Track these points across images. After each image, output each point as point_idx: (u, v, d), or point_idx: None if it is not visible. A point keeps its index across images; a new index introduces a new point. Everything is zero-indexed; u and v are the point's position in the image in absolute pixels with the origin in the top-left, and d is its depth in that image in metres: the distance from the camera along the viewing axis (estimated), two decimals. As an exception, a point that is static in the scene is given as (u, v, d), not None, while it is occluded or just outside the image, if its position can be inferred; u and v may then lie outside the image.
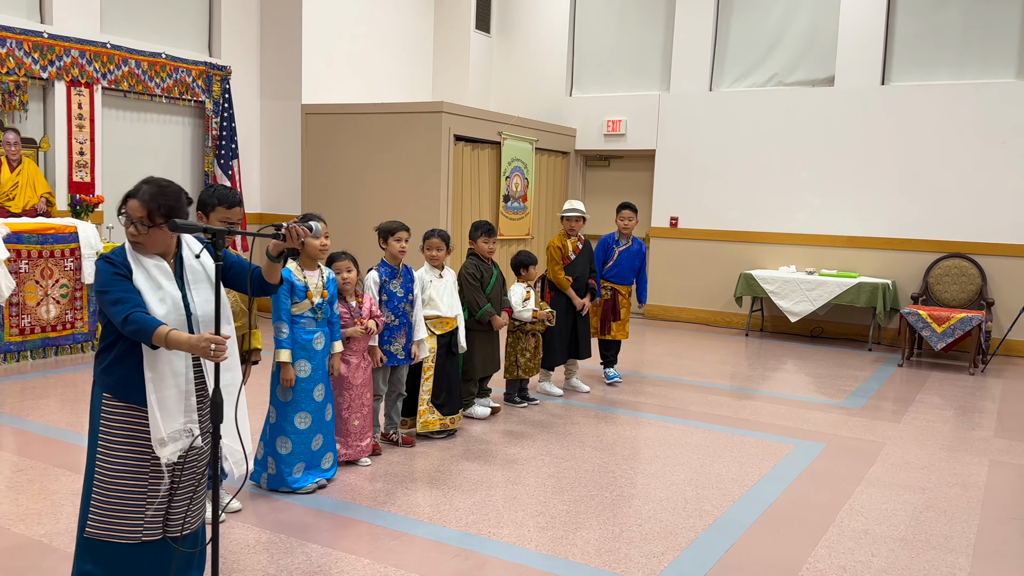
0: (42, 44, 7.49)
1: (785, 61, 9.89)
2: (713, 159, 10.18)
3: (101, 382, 2.73)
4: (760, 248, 9.95)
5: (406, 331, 4.92)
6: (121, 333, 2.66)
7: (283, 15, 9.51)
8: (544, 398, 6.35)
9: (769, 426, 5.82)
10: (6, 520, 3.79)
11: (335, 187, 9.34)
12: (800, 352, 8.78)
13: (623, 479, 4.62)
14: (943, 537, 3.99)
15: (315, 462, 4.28)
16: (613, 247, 6.78)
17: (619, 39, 10.89)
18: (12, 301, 6.73)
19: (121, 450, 2.70)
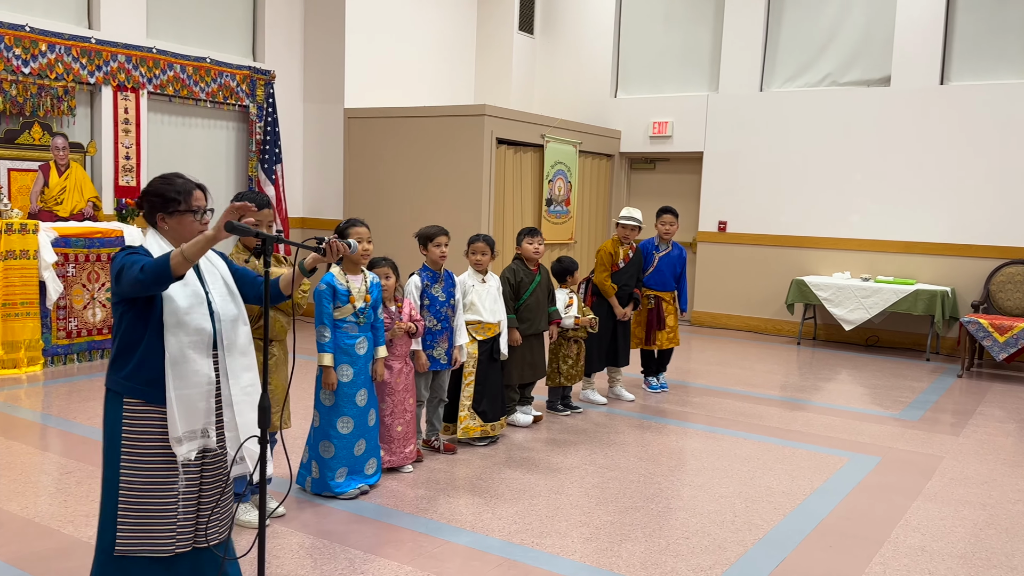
0: (90, 50, 7.72)
1: (839, 60, 9.77)
2: (763, 161, 10.09)
3: (123, 388, 2.70)
4: (813, 253, 9.84)
5: (448, 336, 4.97)
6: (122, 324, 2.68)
7: (326, 19, 9.67)
8: (587, 406, 6.36)
9: (821, 438, 5.76)
10: (55, 521, 3.92)
11: (377, 191, 9.46)
12: (854, 362, 8.65)
13: (669, 491, 4.61)
14: (1005, 555, 3.91)
15: (358, 467, 4.35)
16: (653, 253, 6.75)
17: (666, 38, 10.86)
18: (59, 304, 6.94)
19: (148, 456, 2.70)
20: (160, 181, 2.81)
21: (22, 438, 5.15)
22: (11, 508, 4.05)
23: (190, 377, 2.69)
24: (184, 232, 2.79)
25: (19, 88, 7.23)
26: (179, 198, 2.77)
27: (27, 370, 6.73)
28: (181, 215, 2.77)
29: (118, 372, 2.71)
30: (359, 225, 4.31)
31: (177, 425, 2.68)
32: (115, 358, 2.72)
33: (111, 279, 2.72)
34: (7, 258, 6.55)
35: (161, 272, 2.57)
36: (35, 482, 4.41)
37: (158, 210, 2.78)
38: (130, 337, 2.70)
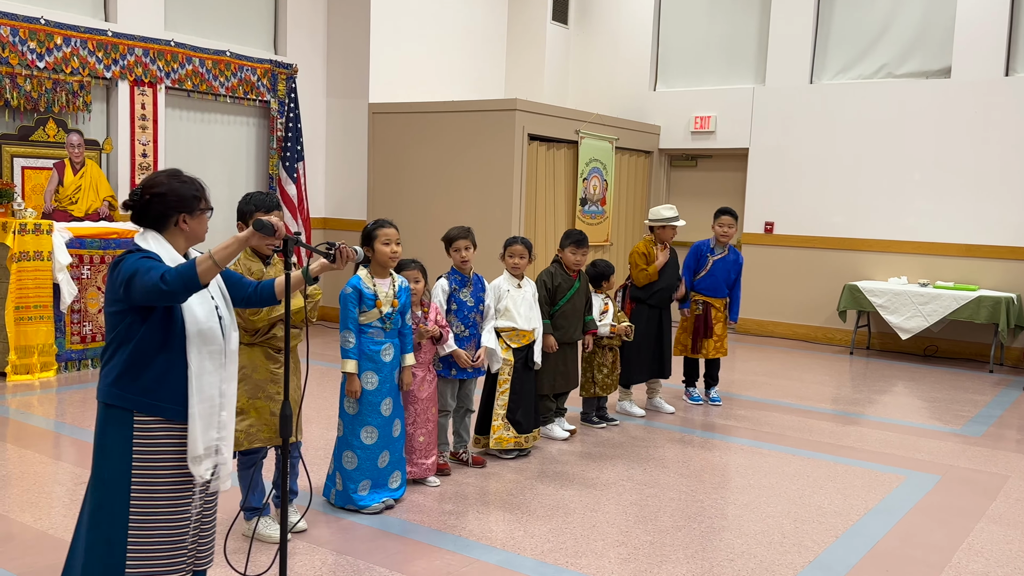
0: (106, 43, 7.85)
1: (895, 50, 9.66)
2: (814, 159, 10.01)
3: (134, 404, 2.63)
4: (866, 257, 9.73)
5: (476, 343, 4.98)
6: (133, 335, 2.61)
7: (350, 11, 9.75)
8: (624, 419, 6.34)
9: (876, 455, 5.69)
10: (69, 534, 3.97)
11: (403, 190, 9.51)
12: (912, 373, 8.54)
13: (712, 509, 4.57)
14: (1078, 583, 3.83)
15: (382, 480, 4.37)
16: (707, 255, 6.69)
17: (709, 28, 10.81)
18: (74, 308, 7.06)
19: (162, 477, 2.65)
20: (175, 180, 2.74)
21: (35, 447, 5.24)
22: (24, 519, 4.12)
23: (207, 390, 2.68)
24: (200, 232, 2.78)
25: (33, 83, 7.37)
26: (200, 196, 2.77)
27: (40, 376, 6.85)
28: (202, 214, 2.77)
29: (126, 387, 2.63)
30: (387, 226, 4.33)
31: (198, 443, 2.65)
32: (122, 372, 2.63)
33: (113, 284, 2.62)
34: (21, 259, 6.67)
35: (190, 282, 2.53)
36: (48, 492, 4.49)
37: (181, 211, 2.72)
38: (144, 349, 2.63)
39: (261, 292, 2.99)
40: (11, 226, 6.66)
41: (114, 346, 2.66)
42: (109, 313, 2.67)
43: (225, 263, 2.60)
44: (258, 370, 3.83)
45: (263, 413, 3.81)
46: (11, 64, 7.22)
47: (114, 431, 2.65)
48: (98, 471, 2.67)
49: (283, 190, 9.14)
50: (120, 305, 2.63)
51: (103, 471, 2.65)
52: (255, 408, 3.81)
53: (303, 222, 9.26)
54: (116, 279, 2.61)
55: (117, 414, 2.64)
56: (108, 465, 2.65)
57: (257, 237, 2.76)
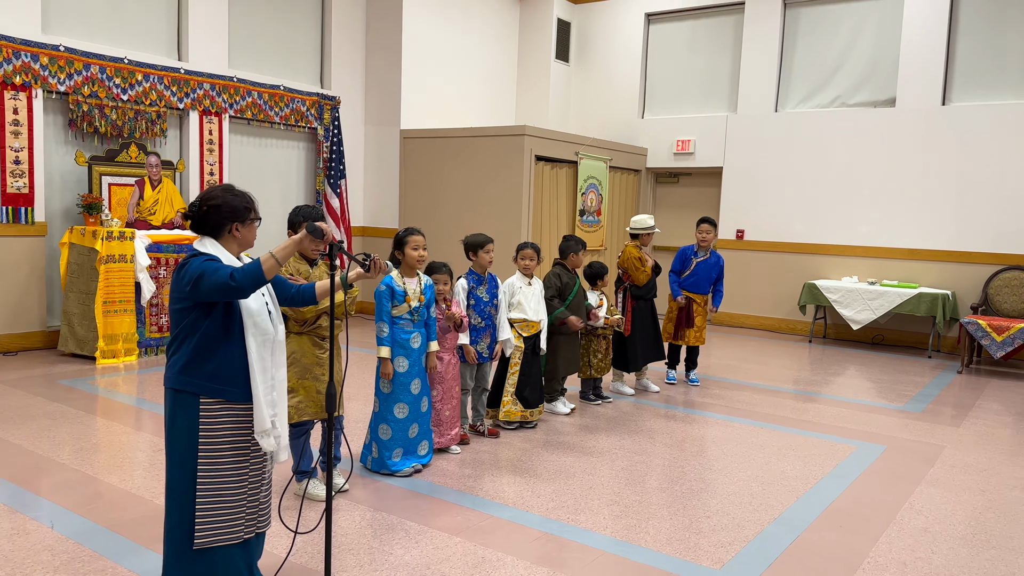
0: (179, 79, 7.88)
1: (848, 83, 9.61)
2: (778, 175, 9.96)
3: (201, 388, 2.60)
4: (823, 259, 9.69)
5: (491, 332, 4.99)
6: (198, 328, 2.58)
7: (385, 50, 9.76)
8: (617, 397, 6.33)
9: (832, 428, 5.67)
10: (148, 493, 4.01)
11: (429, 202, 9.52)
12: (861, 358, 8.50)
13: (692, 474, 4.57)
14: (1004, 538, 3.81)
15: (412, 448, 4.38)
16: (691, 258, 6.71)
17: (688, 64, 10.77)
18: (152, 303, 7.09)
19: (224, 452, 2.63)
20: (227, 194, 2.71)
21: (120, 419, 5.28)
22: (111, 480, 4.16)
23: (263, 374, 2.65)
24: (250, 238, 2.75)
25: (118, 113, 7.41)
26: (250, 207, 2.74)
27: (124, 360, 6.89)
28: (252, 223, 2.74)
29: (192, 374, 2.60)
30: (416, 234, 4.34)
31: (265, 419, 2.62)
32: (188, 361, 2.60)
33: (181, 284, 2.58)
34: (108, 261, 6.71)
35: (257, 277, 2.53)
36: (131, 458, 4.52)
37: (233, 220, 2.69)
38: (210, 340, 2.60)
39: (303, 293, 2.99)
40: (100, 233, 6.70)
41: (180, 338, 2.63)
42: (175, 310, 2.64)
43: (285, 260, 2.60)
44: (306, 355, 3.84)
45: (310, 391, 3.82)
46: (100, 97, 7.26)
47: (183, 414, 2.62)
48: (171, 449, 2.65)
49: (328, 203, 9.17)
50: (186, 302, 2.60)
51: (175, 449, 2.64)
52: (303, 387, 3.82)
53: (345, 230, 9.28)
54: (183, 279, 2.58)
55: (185, 398, 2.62)
56: (179, 444, 2.63)
57: (309, 239, 2.75)
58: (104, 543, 3.42)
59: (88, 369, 6.60)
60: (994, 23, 8.73)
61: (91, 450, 4.63)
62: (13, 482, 4.06)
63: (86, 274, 6.84)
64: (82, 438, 4.83)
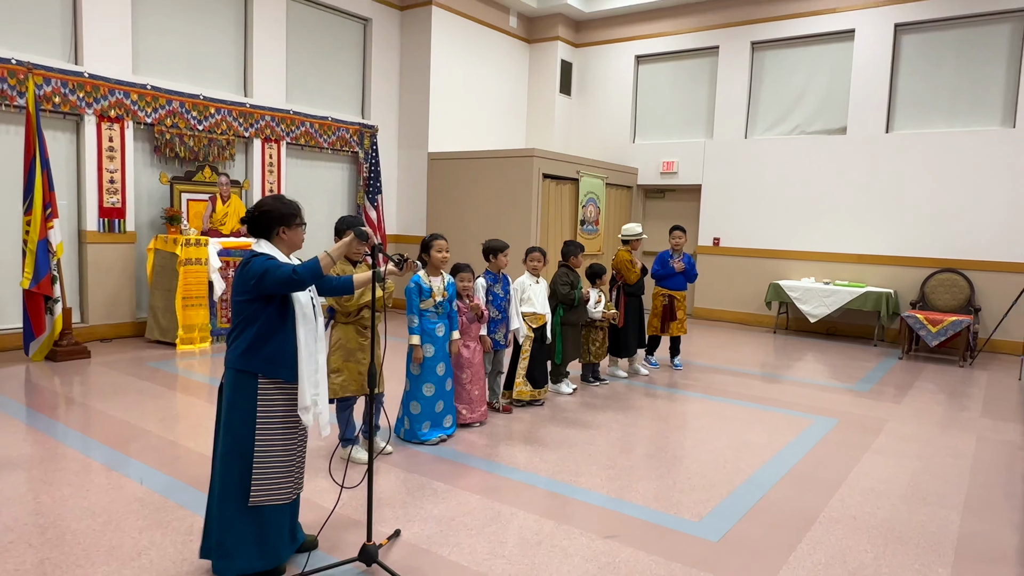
0: (245, 112, 7.93)
1: (807, 114, 9.55)
2: (748, 191, 9.92)
3: (260, 369, 2.57)
4: (786, 263, 9.64)
5: (506, 323, 4.99)
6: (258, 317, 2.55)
7: (415, 86, 9.78)
8: (612, 379, 6.33)
9: (792, 404, 5.66)
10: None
11: (451, 213, 9.54)
12: (818, 346, 8.46)
13: (675, 443, 4.57)
14: (937, 496, 3.80)
15: (438, 421, 4.40)
16: (669, 261, 6.69)
17: (672, 97, 10.74)
18: (223, 299, 7.15)
19: (278, 424, 2.62)
20: (277, 202, 2.69)
21: (196, 395, 5.34)
22: (189, 444, 4.21)
23: (310, 359, 2.64)
24: (296, 240, 2.72)
25: (195, 140, 7.47)
26: (296, 213, 2.72)
27: (199, 346, 6.95)
28: (297, 227, 2.73)
29: (252, 357, 2.58)
30: (440, 238, 4.36)
31: (306, 396, 2.62)
32: (249, 345, 2.58)
33: (247, 280, 2.55)
34: (186, 264, 6.77)
35: (315, 271, 2.53)
36: (206, 427, 4.57)
37: (280, 224, 2.67)
38: (268, 328, 2.59)
39: (343, 284, 2.94)
40: (179, 241, 6.76)
41: (242, 326, 2.62)
42: (237, 302, 2.62)
43: (338, 259, 2.62)
44: (351, 341, 3.87)
45: (352, 372, 3.85)
46: (180, 127, 7.32)
47: (243, 391, 2.61)
48: (230, 420, 2.63)
49: (367, 214, 9.20)
50: (248, 295, 2.59)
51: (234, 421, 2.62)
52: (347, 368, 3.85)
53: (381, 236, 9.31)
54: (246, 275, 2.57)
55: (245, 378, 2.61)
56: (238, 416, 2.61)
57: (356, 242, 2.76)
58: (183, 496, 3.47)
59: (170, 353, 6.67)
60: (930, 62, 8.66)
61: (173, 419, 4.69)
62: (109, 446, 4.12)
63: (168, 274, 6.90)
64: (165, 410, 4.89)
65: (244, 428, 2.61)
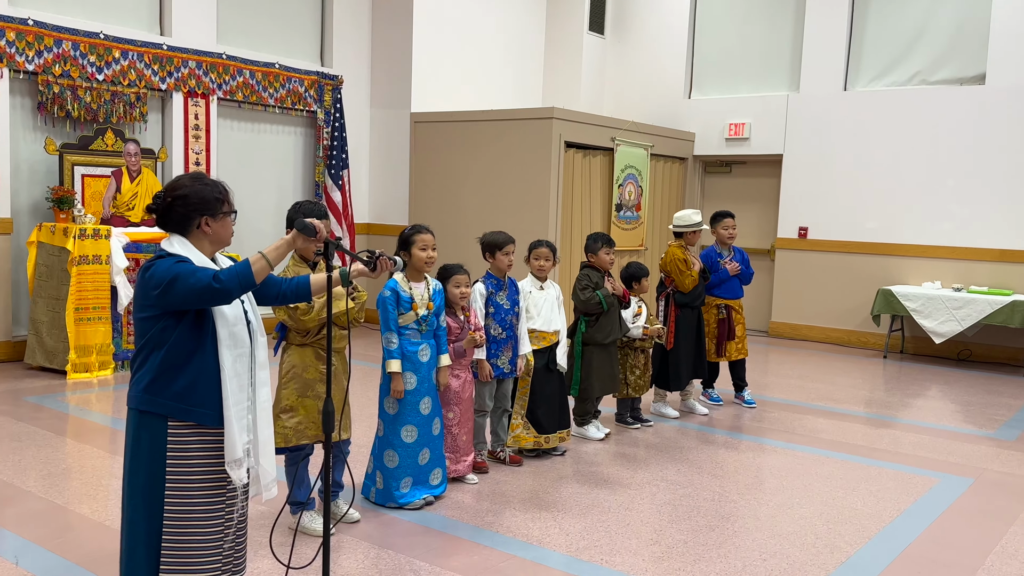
0: (161, 56, 8.00)
1: (929, 57, 9.51)
2: (848, 165, 9.88)
3: (169, 409, 2.59)
4: (900, 261, 9.58)
5: (512, 345, 4.98)
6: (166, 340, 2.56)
7: (394, 23, 9.83)
8: (658, 420, 6.30)
9: (910, 457, 5.60)
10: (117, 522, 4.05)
11: (443, 196, 9.56)
12: (946, 377, 8.38)
13: (745, 510, 4.54)
14: (1113, 588, 3.74)
15: (423, 477, 4.39)
16: (718, 261, 6.64)
17: (743, 36, 10.72)
18: (130, 309, 7.19)
19: (197, 483, 2.62)
20: (197, 183, 2.69)
21: (93, 442, 5.35)
22: (82, 511, 4.21)
23: (238, 394, 2.64)
24: (224, 235, 2.72)
25: (93, 95, 7.54)
26: (222, 198, 2.71)
27: (98, 374, 6.99)
28: (225, 217, 2.71)
29: (159, 393, 2.59)
30: (424, 232, 4.35)
31: (236, 446, 2.61)
32: (154, 377, 2.59)
33: (149, 290, 2.55)
34: (80, 263, 6.82)
35: (246, 280, 2.53)
36: (105, 486, 4.57)
37: (202, 213, 2.66)
38: (177, 354, 2.59)
39: (297, 288, 2.94)
40: (72, 231, 6.81)
41: (146, 352, 2.61)
42: (140, 319, 2.61)
43: (277, 262, 2.62)
44: (308, 369, 3.87)
45: (311, 411, 3.85)
46: (72, 77, 7.39)
47: (147, 438, 2.61)
48: (132, 478, 2.63)
49: (328, 197, 9.25)
50: (153, 311, 2.58)
51: (138, 478, 2.62)
52: (304, 406, 3.85)
53: (347, 227, 9.35)
54: (148, 284, 2.56)
55: (150, 420, 2.61)
56: (143, 473, 2.61)
57: (301, 239, 2.76)
58: (74, 582, 3.47)
59: (58, 384, 6.69)
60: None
61: (61, 476, 4.68)
62: (-27, 511, 4.13)
63: (56, 277, 6.95)
64: (51, 463, 4.89)
65: (150, 490, 2.61)
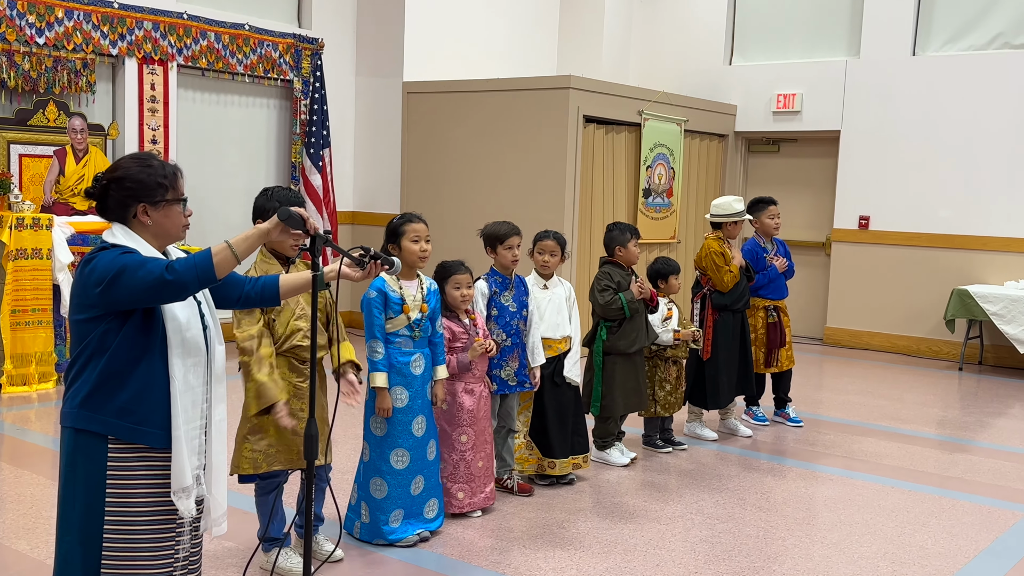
0: (112, 16, 8.02)
1: (1013, 17, 9.48)
2: (917, 143, 9.85)
3: (109, 428, 2.59)
4: (979, 257, 9.55)
5: (519, 353, 4.97)
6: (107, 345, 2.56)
7: (383, -25, 9.85)
8: (693, 442, 6.29)
9: (989, 488, 5.58)
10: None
11: (441, 180, 9.56)
12: (1032, 393, 8.37)
13: (796, 549, 4.52)
14: None
15: (416, 509, 4.39)
16: (763, 255, 6.65)
17: (794, -7, 10.73)
18: (75, 312, 7.20)
19: (140, 513, 2.62)
20: (136, 164, 2.68)
21: (32, 466, 5.36)
22: (19, 547, 4.22)
23: (191, 411, 2.65)
24: (169, 227, 2.71)
25: (32, 61, 7.56)
26: (166, 184, 2.68)
27: (38, 388, 7.00)
28: (168, 206, 2.69)
29: (98, 408, 2.59)
30: (416, 221, 4.34)
31: (185, 472, 2.61)
32: (93, 390, 2.59)
33: (89, 287, 2.55)
34: (17, 257, 6.84)
35: (205, 272, 2.52)
36: (47, 518, 4.58)
37: (139, 200, 2.64)
38: (120, 362, 2.59)
39: (263, 289, 2.93)
40: (7, 220, 6.84)
41: (83, 360, 2.61)
42: (77, 321, 2.61)
43: (245, 255, 2.60)
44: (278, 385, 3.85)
45: (284, 432, 3.84)
46: (8, 40, 7.41)
47: (84, 461, 2.61)
48: (66, 508, 2.63)
49: (307, 180, 9.26)
50: (93, 311, 2.57)
51: (72, 507, 2.62)
52: (275, 426, 3.84)
53: (329, 216, 9.36)
54: (88, 280, 2.55)
55: (88, 441, 2.60)
56: (78, 501, 2.61)
57: (280, 229, 2.75)
58: (8, 630, 3.48)
59: (-9, 400, 6.72)
60: None
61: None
62: None
63: (-11, 274, 6.98)
64: (-19, 491, 4.91)
65: (86, 522, 2.60)
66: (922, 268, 9.87)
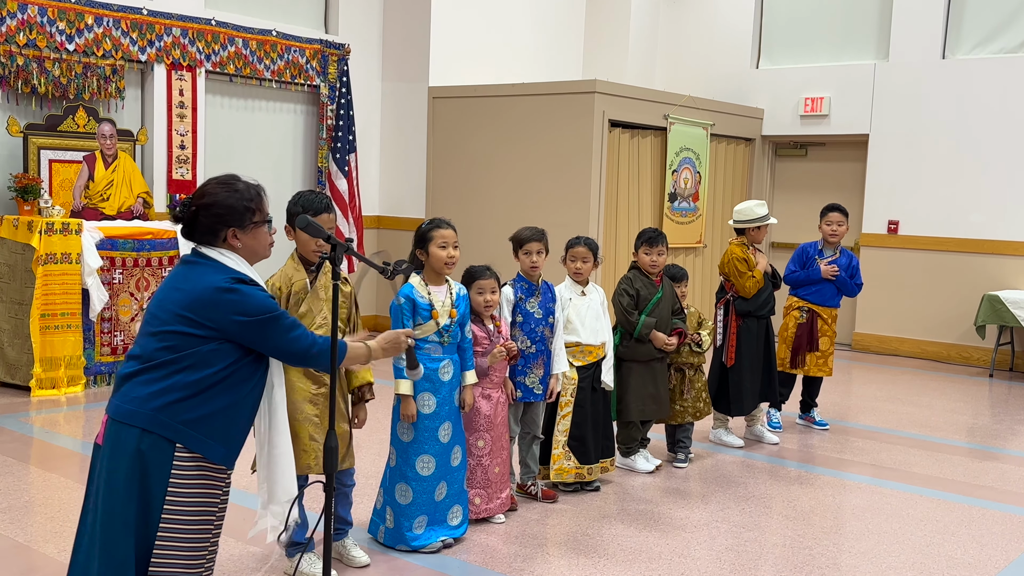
0: (141, 22, 8.09)
1: (1045, 19, 9.38)
2: (947, 147, 9.77)
3: (183, 436, 2.66)
4: (1010, 262, 9.46)
5: (544, 361, 4.97)
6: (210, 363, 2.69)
7: (409, -19, 9.88)
8: (719, 450, 6.26)
9: (1021, 497, 5.53)
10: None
11: (466, 184, 9.57)
12: (1064, 400, 8.26)
13: (823, 558, 4.49)
14: None
15: (440, 516, 4.39)
16: (815, 258, 6.66)
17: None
18: (104, 316, 7.26)
19: (192, 514, 2.70)
20: (223, 189, 2.77)
21: (61, 469, 5.40)
22: (48, 551, 4.25)
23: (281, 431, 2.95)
24: (259, 248, 2.82)
25: (63, 67, 7.63)
26: (252, 207, 2.78)
27: (67, 391, 7.06)
28: (256, 228, 2.79)
29: (176, 416, 2.64)
30: (445, 227, 4.35)
31: (278, 491, 2.89)
32: (180, 399, 2.65)
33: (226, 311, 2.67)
34: (47, 262, 6.90)
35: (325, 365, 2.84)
36: (75, 521, 4.60)
37: (228, 225, 2.75)
38: (216, 381, 2.70)
39: (322, 353, 2.90)
40: (37, 225, 6.90)
41: (173, 368, 2.65)
42: (181, 333, 2.66)
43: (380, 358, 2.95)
44: (296, 389, 3.84)
45: (301, 437, 3.84)
46: (39, 47, 7.49)
47: (151, 460, 2.64)
48: (119, 507, 2.65)
49: (332, 185, 9.29)
50: (210, 332, 2.66)
51: (127, 508, 2.64)
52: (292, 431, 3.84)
53: (354, 221, 9.38)
54: (227, 306, 2.67)
55: (156, 443, 2.64)
56: (134, 502, 2.64)
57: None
58: (36, 633, 3.50)
59: (20, 403, 6.78)
60: None
61: (22, 510, 4.73)
62: (-78, 550, 4.19)
63: (19, 278, 7.05)
64: (11, 495, 4.95)
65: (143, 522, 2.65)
66: (952, 273, 9.78)
